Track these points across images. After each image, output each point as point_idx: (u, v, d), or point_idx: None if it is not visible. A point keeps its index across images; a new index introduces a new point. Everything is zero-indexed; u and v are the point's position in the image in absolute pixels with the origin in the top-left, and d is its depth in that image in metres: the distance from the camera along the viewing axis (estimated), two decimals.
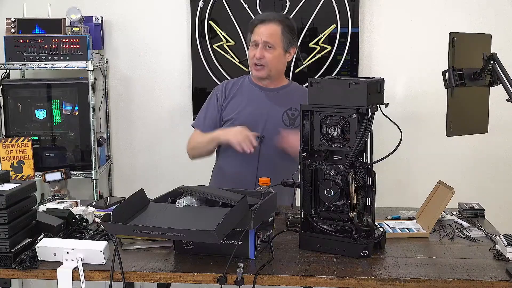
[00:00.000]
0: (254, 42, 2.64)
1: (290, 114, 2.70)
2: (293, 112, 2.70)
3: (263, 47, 2.62)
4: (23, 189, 1.95)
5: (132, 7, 3.63)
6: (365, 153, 1.97)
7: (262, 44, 2.61)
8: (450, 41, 1.90)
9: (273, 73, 2.68)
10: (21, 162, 3.18)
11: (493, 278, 1.77)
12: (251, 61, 2.68)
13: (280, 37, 2.64)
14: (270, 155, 2.64)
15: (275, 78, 2.73)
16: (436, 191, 2.30)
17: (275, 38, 2.63)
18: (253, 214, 1.86)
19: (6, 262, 1.87)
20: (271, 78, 2.70)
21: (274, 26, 2.64)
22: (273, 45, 2.62)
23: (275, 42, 2.63)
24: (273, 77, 2.71)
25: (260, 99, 2.71)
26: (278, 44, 2.64)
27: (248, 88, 2.75)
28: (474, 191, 3.03)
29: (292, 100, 2.70)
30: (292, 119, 2.69)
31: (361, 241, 1.94)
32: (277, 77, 2.73)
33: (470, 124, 2.05)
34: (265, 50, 2.62)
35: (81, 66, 3.27)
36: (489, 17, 3.46)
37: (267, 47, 2.62)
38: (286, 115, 2.69)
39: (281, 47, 2.65)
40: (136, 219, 1.95)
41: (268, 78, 2.70)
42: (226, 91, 2.76)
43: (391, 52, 3.55)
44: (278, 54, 2.65)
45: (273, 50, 2.63)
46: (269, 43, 2.62)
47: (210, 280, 1.82)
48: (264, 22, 2.64)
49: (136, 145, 3.76)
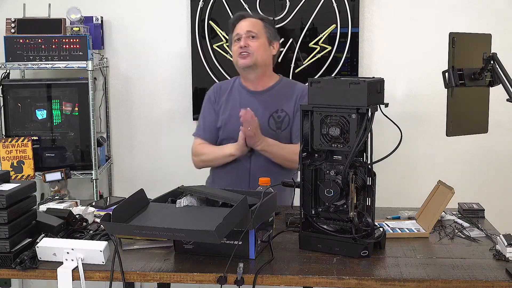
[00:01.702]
0: (236, 36, 2.63)
1: (276, 117, 2.65)
2: (279, 114, 2.65)
3: (246, 37, 2.60)
4: (23, 189, 1.95)
5: (132, 7, 3.63)
6: (365, 153, 1.97)
7: (246, 34, 2.60)
8: (450, 41, 1.90)
9: (259, 62, 2.63)
10: (21, 162, 3.18)
11: (493, 278, 1.77)
12: (235, 56, 2.65)
13: (263, 28, 2.64)
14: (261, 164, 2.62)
15: (262, 72, 2.67)
16: (436, 191, 2.30)
17: (258, 28, 2.63)
18: (253, 214, 1.86)
19: (6, 262, 1.87)
20: (257, 68, 2.64)
21: (255, 20, 2.67)
22: (257, 34, 2.62)
23: (258, 31, 2.62)
24: (260, 68, 2.65)
25: (245, 104, 2.64)
26: (261, 33, 2.63)
27: (237, 92, 2.72)
28: (474, 191, 3.03)
29: (280, 101, 2.66)
30: (279, 122, 2.65)
31: (361, 241, 1.94)
32: (263, 70, 2.67)
33: (470, 124, 2.05)
34: (249, 39, 2.60)
35: (81, 66, 3.26)
36: (489, 17, 3.46)
37: (251, 37, 2.61)
38: (272, 119, 2.65)
39: (265, 37, 2.64)
40: (136, 219, 1.95)
41: (254, 69, 2.64)
42: (217, 96, 2.74)
43: (391, 52, 3.55)
44: (262, 42, 2.63)
45: (257, 39, 2.62)
46: (252, 32, 2.61)
47: (210, 280, 1.82)
48: (244, 18, 2.66)
49: (136, 145, 3.76)
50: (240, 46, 2.60)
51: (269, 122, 2.65)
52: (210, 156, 2.72)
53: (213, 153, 2.71)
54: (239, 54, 2.61)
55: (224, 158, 2.67)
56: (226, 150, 2.66)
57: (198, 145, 2.77)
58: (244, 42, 2.59)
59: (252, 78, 2.68)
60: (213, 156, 2.71)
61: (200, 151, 2.75)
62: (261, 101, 2.67)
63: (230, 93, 2.74)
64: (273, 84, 2.72)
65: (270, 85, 2.72)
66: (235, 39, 2.63)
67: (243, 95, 2.70)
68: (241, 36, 2.61)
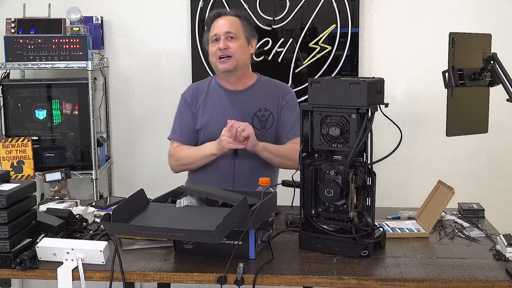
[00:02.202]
0: (214, 37, 2.54)
1: (260, 116, 2.60)
2: (263, 113, 2.60)
3: (225, 39, 2.52)
4: (23, 189, 1.95)
5: (132, 7, 3.63)
6: (365, 153, 1.97)
7: (224, 35, 2.52)
8: (450, 41, 1.90)
9: (240, 65, 2.56)
10: (21, 162, 3.18)
11: (493, 278, 1.77)
12: (213, 57, 2.56)
13: (241, 27, 2.56)
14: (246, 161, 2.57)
15: (242, 73, 2.61)
16: (436, 191, 2.30)
17: (237, 28, 2.54)
18: (253, 214, 1.86)
19: (6, 262, 1.87)
20: (237, 71, 2.57)
21: (232, 18, 2.57)
22: (236, 35, 2.53)
23: (237, 31, 2.54)
24: (240, 70, 2.58)
25: (228, 106, 2.60)
26: (240, 33, 2.55)
27: (215, 93, 2.64)
28: (474, 191, 3.03)
29: (261, 100, 2.61)
30: (263, 121, 2.60)
31: (361, 241, 1.94)
32: (243, 71, 2.62)
33: (470, 124, 2.05)
34: (228, 41, 2.52)
35: (81, 66, 3.26)
36: (489, 17, 3.45)
37: (230, 38, 2.52)
38: (256, 118, 2.59)
39: (244, 36, 2.56)
40: (136, 219, 1.95)
41: (235, 72, 2.57)
42: (194, 97, 2.66)
43: (391, 52, 3.55)
44: (242, 43, 2.55)
45: (236, 40, 2.53)
46: (231, 33, 2.52)
47: (210, 280, 1.82)
48: (221, 16, 2.57)
49: (136, 145, 3.76)
50: (219, 48, 2.51)
51: (253, 121, 2.58)
52: (190, 158, 2.62)
53: (193, 155, 2.62)
54: (219, 58, 2.53)
55: (205, 159, 2.58)
56: (207, 150, 2.57)
57: (175, 148, 2.68)
58: (223, 44, 2.51)
59: (232, 80, 2.62)
60: (193, 158, 2.61)
61: (179, 154, 2.66)
62: (243, 101, 2.62)
63: (207, 94, 2.66)
64: (253, 83, 2.66)
65: (250, 84, 2.66)
66: (213, 39, 2.55)
67: (223, 96, 2.63)
68: (219, 37, 2.53)
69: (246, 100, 2.62)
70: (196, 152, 2.62)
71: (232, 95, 2.63)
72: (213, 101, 2.63)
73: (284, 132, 2.64)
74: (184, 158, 2.64)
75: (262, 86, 2.67)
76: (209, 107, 2.63)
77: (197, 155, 2.60)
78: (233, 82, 2.62)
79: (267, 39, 3.54)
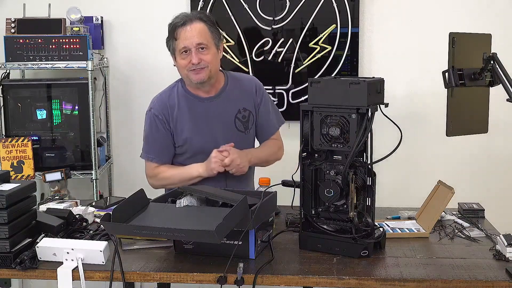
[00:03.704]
0: (184, 49, 2.37)
1: (241, 117, 2.51)
2: (243, 114, 2.51)
3: (196, 51, 2.37)
4: (23, 189, 1.95)
5: (132, 7, 3.63)
6: (365, 153, 1.97)
7: (195, 47, 2.36)
8: (450, 41, 1.90)
9: (213, 74, 2.43)
10: (21, 162, 3.18)
11: (493, 278, 1.77)
12: (184, 70, 2.40)
13: (209, 34, 2.40)
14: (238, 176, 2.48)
15: (214, 80, 2.48)
16: (436, 191, 2.30)
17: (206, 37, 2.38)
18: (253, 214, 1.86)
19: (6, 262, 1.87)
20: (211, 80, 2.44)
21: (198, 24, 2.39)
22: (206, 45, 2.38)
23: (207, 41, 2.38)
24: (213, 79, 2.46)
25: (207, 115, 2.48)
26: (210, 42, 2.39)
27: (189, 104, 2.48)
28: (474, 191, 3.03)
29: (237, 101, 2.52)
30: (245, 122, 2.52)
31: (361, 241, 1.94)
32: (216, 77, 2.48)
33: (470, 124, 2.05)
34: (199, 53, 2.37)
35: (81, 66, 3.26)
36: (489, 17, 3.45)
37: (201, 49, 2.37)
38: (238, 121, 2.51)
39: (213, 44, 2.41)
40: (136, 219, 1.95)
41: (209, 81, 2.43)
42: (166, 113, 2.49)
43: (392, 52, 3.55)
44: (213, 52, 2.40)
45: (207, 50, 2.38)
46: (202, 43, 2.37)
47: (210, 280, 1.82)
48: (186, 24, 2.39)
49: (136, 145, 3.74)
50: (193, 62, 2.36)
51: (235, 124, 2.50)
52: (176, 179, 2.47)
53: (179, 176, 2.47)
54: (191, 70, 2.39)
55: (191, 180, 2.45)
56: (194, 172, 2.44)
57: (155, 169, 2.53)
58: (196, 58, 2.36)
59: (207, 89, 2.49)
60: (179, 179, 2.46)
61: (162, 175, 2.51)
62: (220, 107, 2.50)
63: (180, 107, 2.49)
64: (223, 85, 2.54)
65: (221, 87, 2.53)
66: (182, 51, 2.38)
67: (198, 105, 2.49)
68: (189, 49, 2.37)
69: (223, 105, 2.51)
70: (182, 174, 2.48)
71: (208, 102, 2.50)
72: (189, 113, 2.49)
73: (263, 129, 2.60)
74: (169, 178, 2.51)
75: (233, 85, 2.56)
76: (188, 120, 2.49)
77: (183, 176, 2.47)
78: (207, 90, 2.50)
79: (267, 39, 3.54)
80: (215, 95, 2.51)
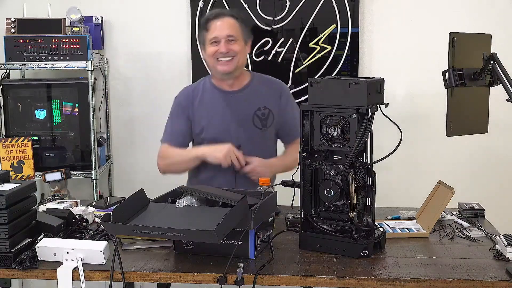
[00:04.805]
0: (214, 39, 2.51)
1: (260, 114, 2.59)
2: (263, 111, 2.59)
3: (226, 42, 2.50)
4: (23, 189, 1.95)
5: (132, 7, 3.63)
6: (365, 153, 1.97)
7: (225, 38, 2.50)
8: (450, 41, 1.90)
9: (239, 66, 2.56)
10: (21, 162, 3.18)
11: (493, 278, 1.77)
12: (212, 58, 2.53)
13: (240, 29, 2.54)
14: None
15: (239, 74, 2.60)
16: (436, 191, 2.30)
17: (236, 30, 2.52)
18: (253, 214, 1.86)
19: (6, 262, 1.87)
20: (236, 72, 2.56)
21: (230, 19, 2.54)
22: (236, 37, 2.51)
23: (237, 34, 2.52)
24: (238, 71, 2.58)
25: (226, 107, 2.59)
26: (239, 35, 2.53)
27: (212, 95, 2.62)
28: (474, 191, 3.03)
29: (259, 99, 2.60)
30: (264, 120, 2.60)
31: (361, 241, 1.94)
32: (240, 72, 2.61)
33: (470, 124, 2.05)
34: (228, 43, 2.50)
35: (81, 66, 3.26)
36: (489, 17, 3.46)
37: (230, 41, 2.50)
38: (257, 117, 2.59)
39: (242, 38, 2.54)
40: (136, 219, 1.95)
41: (234, 73, 2.55)
42: (189, 101, 2.63)
43: (391, 52, 3.55)
44: (241, 45, 2.54)
45: (236, 42, 2.51)
46: (232, 35, 2.50)
47: (210, 280, 1.82)
48: (219, 17, 2.53)
49: (136, 145, 3.76)
50: (221, 51, 2.50)
51: (253, 120, 2.59)
52: (179, 158, 2.60)
53: (179, 155, 2.60)
54: (218, 60, 2.52)
55: (190, 162, 2.57)
56: (198, 151, 2.55)
57: (165, 149, 2.66)
58: (225, 48, 2.49)
59: (230, 82, 2.61)
60: (180, 157, 2.60)
61: (166, 154, 2.64)
62: (241, 100, 2.60)
63: (203, 96, 2.63)
64: (248, 81, 2.64)
65: (246, 83, 2.64)
66: (212, 41, 2.51)
67: (219, 97, 2.61)
68: (219, 40, 2.50)
69: (244, 100, 2.61)
70: (184, 152, 2.61)
71: (229, 95, 2.61)
72: (210, 103, 2.61)
73: (286, 131, 2.65)
74: (172, 157, 2.62)
75: (257, 84, 2.65)
76: (207, 109, 2.61)
77: (185, 154, 2.59)
78: (230, 83, 2.61)
79: (267, 39, 3.54)
80: (237, 89, 2.62)
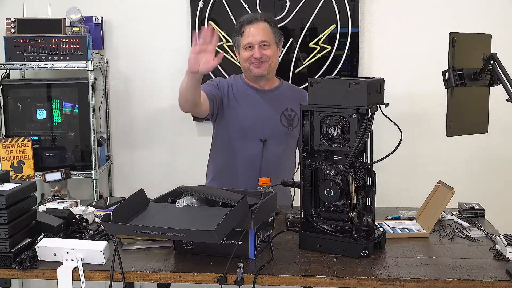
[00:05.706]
0: (248, 44, 2.62)
1: (287, 115, 2.71)
2: (289, 113, 2.71)
3: (259, 47, 2.61)
4: (23, 189, 1.95)
5: (132, 7, 3.63)
6: (365, 153, 1.97)
7: (258, 44, 2.61)
8: (450, 41, 1.90)
9: (272, 69, 2.70)
10: (21, 162, 3.18)
11: (493, 278, 1.77)
12: (246, 63, 2.65)
13: (272, 33, 2.66)
14: (273, 157, 2.66)
15: (271, 76, 2.74)
16: (436, 191, 2.30)
17: (269, 34, 2.64)
18: (253, 214, 1.86)
19: (6, 262, 1.87)
20: (269, 74, 2.69)
21: (263, 24, 2.64)
22: (269, 43, 2.63)
23: (269, 39, 2.63)
24: (271, 74, 2.72)
25: (257, 101, 2.70)
26: (272, 40, 2.65)
27: (243, 89, 2.73)
28: (474, 191, 3.03)
29: (287, 101, 2.72)
30: (290, 120, 2.71)
31: (361, 241, 1.94)
32: (273, 74, 2.75)
33: (470, 124, 2.05)
34: (262, 49, 2.62)
35: (81, 66, 3.26)
36: (489, 17, 3.46)
37: (263, 46, 2.62)
38: (284, 116, 2.70)
39: (275, 42, 2.67)
40: (136, 219, 1.95)
41: (267, 76, 2.68)
42: (221, 86, 2.72)
43: (391, 52, 3.55)
44: (274, 49, 2.66)
45: (269, 47, 2.63)
46: (266, 41, 2.62)
47: (210, 280, 1.82)
48: (252, 22, 2.63)
49: (136, 145, 3.76)
50: (255, 57, 2.61)
51: (281, 119, 2.70)
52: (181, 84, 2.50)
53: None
54: (252, 63, 2.63)
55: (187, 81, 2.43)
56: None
57: None
58: (259, 53, 2.60)
59: (263, 83, 2.72)
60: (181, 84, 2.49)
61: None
62: (271, 99, 2.72)
63: (235, 87, 2.73)
64: (278, 85, 2.78)
65: (275, 85, 2.77)
66: (246, 46, 2.63)
67: (252, 92, 2.72)
68: (253, 45, 2.61)
69: (273, 99, 2.73)
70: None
71: (261, 92, 2.73)
72: (242, 95, 2.71)
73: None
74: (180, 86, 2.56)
75: (286, 89, 2.80)
76: (238, 101, 2.69)
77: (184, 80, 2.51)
78: (262, 84, 2.73)
79: None
80: (268, 89, 2.75)
